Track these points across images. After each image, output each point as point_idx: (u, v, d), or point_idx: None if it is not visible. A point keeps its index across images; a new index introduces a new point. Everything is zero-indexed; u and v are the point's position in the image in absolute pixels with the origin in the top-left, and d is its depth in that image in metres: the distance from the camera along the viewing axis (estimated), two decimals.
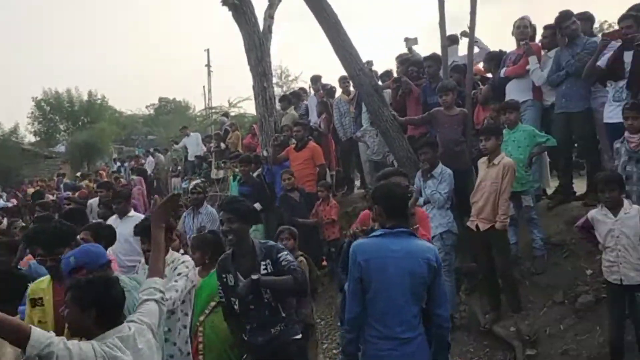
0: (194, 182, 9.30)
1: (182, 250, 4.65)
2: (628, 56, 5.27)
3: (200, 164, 15.27)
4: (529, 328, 5.11)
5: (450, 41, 7.65)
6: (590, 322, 4.78)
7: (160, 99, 48.60)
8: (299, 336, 3.67)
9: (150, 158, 18.88)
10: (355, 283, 3.19)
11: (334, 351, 5.94)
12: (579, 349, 4.62)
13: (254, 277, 3.42)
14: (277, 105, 10.24)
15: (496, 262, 5.36)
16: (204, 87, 34.16)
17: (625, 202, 4.18)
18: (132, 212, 6.20)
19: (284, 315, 3.58)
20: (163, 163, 18.09)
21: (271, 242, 3.74)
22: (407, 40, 8.16)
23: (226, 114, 20.31)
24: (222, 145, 13.52)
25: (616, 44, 5.47)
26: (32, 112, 35.89)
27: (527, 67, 6.34)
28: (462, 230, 5.83)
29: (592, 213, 4.35)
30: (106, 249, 3.92)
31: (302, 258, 4.80)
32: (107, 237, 4.59)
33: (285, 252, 3.60)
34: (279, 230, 5.17)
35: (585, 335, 4.70)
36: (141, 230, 3.85)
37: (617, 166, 4.75)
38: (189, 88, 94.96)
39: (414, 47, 8.29)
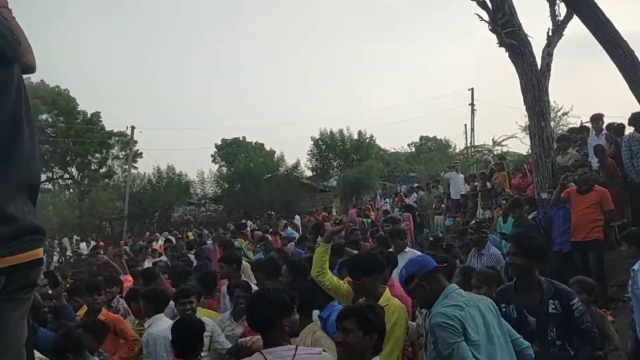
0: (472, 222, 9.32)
1: None
2: None
3: (465, 203, 15.28)
4: None
5: None
6: None
7: (421, 137, 50.16)
8: None
9: (414, 194, 19.53)
10: None
11: None
12: None
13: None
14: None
15: None
16: (465, 125, 34.26)
17: None
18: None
19: (571, 353, 3.45)
20: (426, 200, 18.53)
21: (563, 285, 3.64)
22: None
23: (490, 153, 20.01)
24: (488, 184, 13.31)
25: None
26: (311, 150, 40.28)
27: None
28: None
29: None
30: None
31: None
32: None
33: (578, 301, 3.48)
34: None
35: None
36: None
37: None
38: (449, 126, 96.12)
39: None
